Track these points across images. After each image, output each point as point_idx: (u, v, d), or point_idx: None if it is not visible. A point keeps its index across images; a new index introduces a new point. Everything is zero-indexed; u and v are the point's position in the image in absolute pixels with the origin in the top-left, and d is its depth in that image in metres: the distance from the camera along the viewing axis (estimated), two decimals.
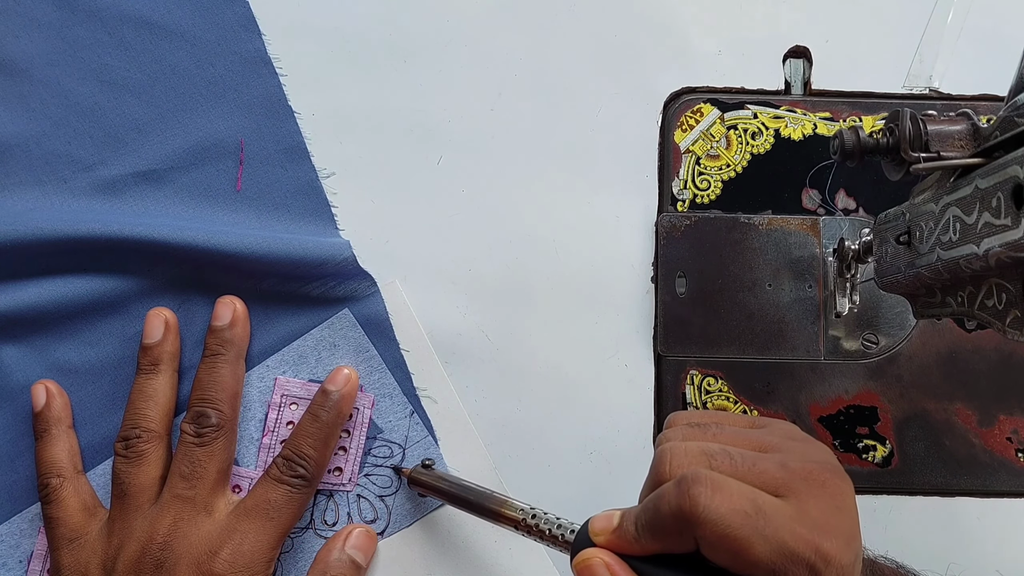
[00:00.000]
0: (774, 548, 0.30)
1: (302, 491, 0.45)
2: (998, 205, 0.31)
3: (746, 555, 0.30)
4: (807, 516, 0.31)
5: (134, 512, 0.44)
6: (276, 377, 0.49)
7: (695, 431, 0.35)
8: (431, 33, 0.53)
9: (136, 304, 0.48)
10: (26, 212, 0.48)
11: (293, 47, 0.53)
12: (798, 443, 0.34)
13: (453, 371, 0.50)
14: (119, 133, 0.50)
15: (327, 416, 0.46)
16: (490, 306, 0.50)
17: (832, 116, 0.51)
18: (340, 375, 0.47)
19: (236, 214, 0.50)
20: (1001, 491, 0.48)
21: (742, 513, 0.30)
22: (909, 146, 0.36)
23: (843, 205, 0.51)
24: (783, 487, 0.32)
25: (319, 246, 0.48)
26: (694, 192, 0.51)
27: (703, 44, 0.53)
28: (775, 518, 0.30)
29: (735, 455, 0.33)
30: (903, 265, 0.39)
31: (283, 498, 0.44)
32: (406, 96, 0.52)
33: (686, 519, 0.30)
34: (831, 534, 0.30)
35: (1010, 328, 0.32)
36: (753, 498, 0.31)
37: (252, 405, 0.48)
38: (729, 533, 0.30)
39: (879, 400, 0.49)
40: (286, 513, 0.44)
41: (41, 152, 0.50)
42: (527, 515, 0.39)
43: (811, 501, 0.31)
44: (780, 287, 0.50)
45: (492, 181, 0.52)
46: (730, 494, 0.30)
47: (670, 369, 0.50)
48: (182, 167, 0.50)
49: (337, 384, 0.46)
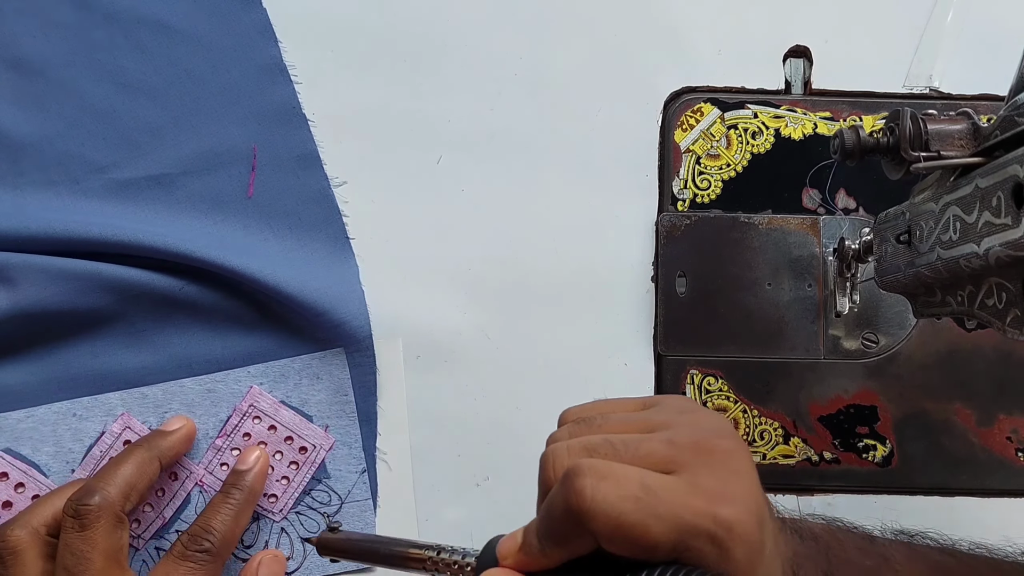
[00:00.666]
0: (671, 526, 0.28)
1: (206, 567, 0.42)
2: (998, 204, 0.31)
3: (644, 539, 0.28)
4: (699, 487, 0.29)
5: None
6: (252, 385, 0.49)
7: (580, 427, 0.34)
8: (431, 33, 0.53)
9: (141, 307, 0.48)
10: (38, 211, 0.48)
11: (293, 47, 0.53)
12: (687, 415, 0.33)
13: (453, 371, 0.50)
14: (133, 136, 0.50)
15: (239, 495, 0.45)
16: (490, 306, 0.50)
17: (832, 116, 0.51)
18: (251, 455, 0.46)
19: (247, 220, 0.50)
20: (1000, 490, 0.49)
21: (632, 497, 0.29)
22: (909, 145, 0.36)
23: (843, 205, 0.51)
24: (672, 463, 0.30)
25: (337, 299, 0.48)
26: (694, 192, 0.51)
27: (703, 44, 0.53)
28: (666, 495, 0.29)
29: (617, 442, 0.31)
30: (903, 264, 0.39)
31: (185, 575, 0.42)
32: (406, 96, 0.52)
33: (577, 515, 0.29)
34: (727, 501, 0.29)
35: (1010, 327, 0.32)
36: (641, 479, 0.29)
37: (220, 402, 0.48)
38: (622, 520, 0.28)
39: (879, 399, 0.49)
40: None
41: (54, 152, 0.49)
42: (432, 551, 0.38)
43: (703, 471, 0.30)
44: (780, 287, 0.50)
45: (492, 181, 0.52)
46: (616, 480, 0.29)
47: (670, 369, 0.50)
48: (195, 172, 0.50)
49: (248, 464, 0.46)
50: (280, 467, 0.48)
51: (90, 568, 0.40)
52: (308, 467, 0.48)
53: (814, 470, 0.49)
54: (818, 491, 0.49)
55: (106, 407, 0.49)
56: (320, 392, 0.49)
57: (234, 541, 0.44)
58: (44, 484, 0.48)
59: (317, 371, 0.49)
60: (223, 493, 0.45)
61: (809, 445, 0.49)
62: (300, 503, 0.48)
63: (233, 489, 0.45)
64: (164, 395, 0.49)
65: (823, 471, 0.49)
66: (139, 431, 0.48)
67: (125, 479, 0.43)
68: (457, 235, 0.51)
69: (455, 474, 0.49)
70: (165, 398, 0.49)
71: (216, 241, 0.48)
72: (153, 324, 0.49)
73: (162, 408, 0.49)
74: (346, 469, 0.48)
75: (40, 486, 0.48)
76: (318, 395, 0.49)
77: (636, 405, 0.36)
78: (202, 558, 0.42)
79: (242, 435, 0.48)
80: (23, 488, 0.48)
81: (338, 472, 0.48)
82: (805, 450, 0.49)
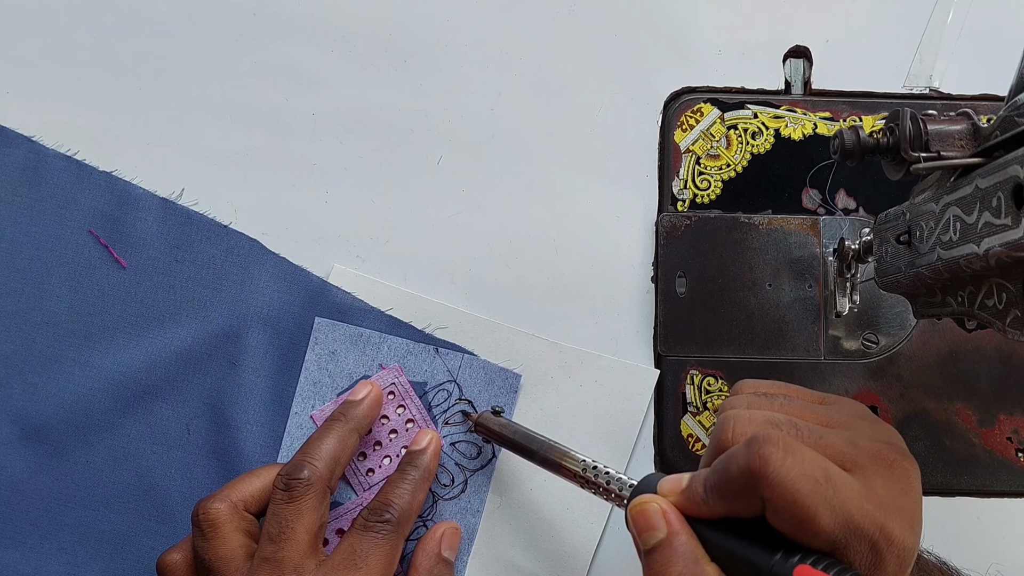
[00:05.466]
0: (840, 520, 0.29)
1: (388, 537, 0.42)
2: (998, 205, 0.31)
3: (811, 523, 0.29)
4: (874, 493, 0.30)
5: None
6: (311, 414, 0.49)
7: (761, 400, 0.34)
8: (431, 33, 0.53)
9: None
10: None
11: (294, 46, 0.53)
12: (866, 423, 0.34)
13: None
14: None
15: (416, 473, 0.45)
16: (490, 306, 0.50)
17: (832, 116, 0.51)
18: (425, 437, 0.47)
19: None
20: (1001, 491, 0.48)
21: (812, 479, 0.29)
22: (909, 146, 0.36)
23: (843, 205, 0.51)
24: (851, 462, 0.31)
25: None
26: (694, 192, 0.51)
27: (703, 44, 0.53)
28: (844, 490, 0.29)
29: (802, 426, 0.32)
30: (903, 265, 0.39)
31: (369, 545, 0.42)
32: (406, 96, 0.52)
33: (755, 478, 0.29)
34: (896, 514, 0.30)
35: (1010, 328, 0.32)
36: (824, 466, 0.30)
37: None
38: (798, 499, 0.29)
39: (879, 400, 0.49)
40: (374, 561, 0.42)
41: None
42: (587, 466, 0.40)
43: (878, 480, 0.31)
44: (780, 287, 0.50)
45: (492, 181, 0.52)
46: (802, 458, 0.30)
47: (670, 369, 0.50)
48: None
49: (422, 444, 0.46)
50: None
51: (292, 537, 0.41)
52: (409, 399, 0.48)
53: None
54: None
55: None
56: (347, 356, 0.49)
57: (413, 515, 0.45)
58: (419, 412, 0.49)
59: (327, 349, 0.49)
60: (399, 471, 0.45)
61: None
62: (438, 422, 0.48)
63: (409, 467, 0.45)
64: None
65: None
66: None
67: (331, 453, 0.43)
68: (457, 235, 0.51)
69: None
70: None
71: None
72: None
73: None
74: (427, 364, 0.49)
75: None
76: (347, 362, 0.49)
77: (815, 397, 0.36)
78: (384, 527, 0.43)
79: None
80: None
81: (426, 373, 0.49)
82: None
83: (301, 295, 0.50)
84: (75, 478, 0.48)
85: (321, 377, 0.49)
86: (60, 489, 0.48)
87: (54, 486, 0.48)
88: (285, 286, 0.50)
